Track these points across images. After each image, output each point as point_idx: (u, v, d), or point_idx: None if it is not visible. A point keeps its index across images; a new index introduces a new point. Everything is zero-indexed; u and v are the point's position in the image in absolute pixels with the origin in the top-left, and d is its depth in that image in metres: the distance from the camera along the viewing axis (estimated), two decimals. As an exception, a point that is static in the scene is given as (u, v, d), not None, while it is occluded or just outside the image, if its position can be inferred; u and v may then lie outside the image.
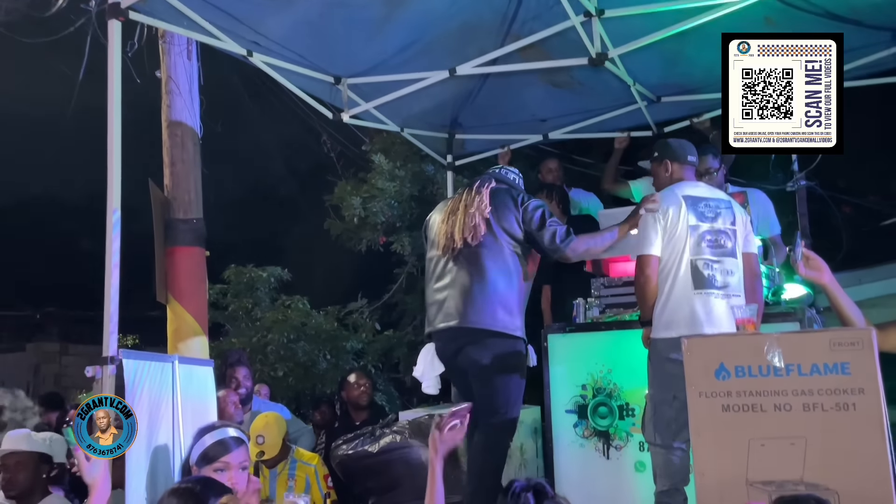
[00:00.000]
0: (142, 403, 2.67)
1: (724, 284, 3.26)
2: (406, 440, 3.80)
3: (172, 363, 2.93)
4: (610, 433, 3.90)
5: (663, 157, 3.57)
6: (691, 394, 2.44)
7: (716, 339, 2.60)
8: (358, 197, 8.40)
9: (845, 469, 2.20)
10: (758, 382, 2.34)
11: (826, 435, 2.24)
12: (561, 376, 4.04)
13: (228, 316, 7.76)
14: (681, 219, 3.29)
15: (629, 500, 3.75)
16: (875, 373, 2.20)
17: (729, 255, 3.30)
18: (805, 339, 2.36)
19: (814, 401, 2.27)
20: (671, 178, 3.51)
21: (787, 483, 2.28)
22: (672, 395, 3.14)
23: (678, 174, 3.51)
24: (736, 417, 2.36)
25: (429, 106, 5.03)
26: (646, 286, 3.32)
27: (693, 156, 3.57)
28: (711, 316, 3.17)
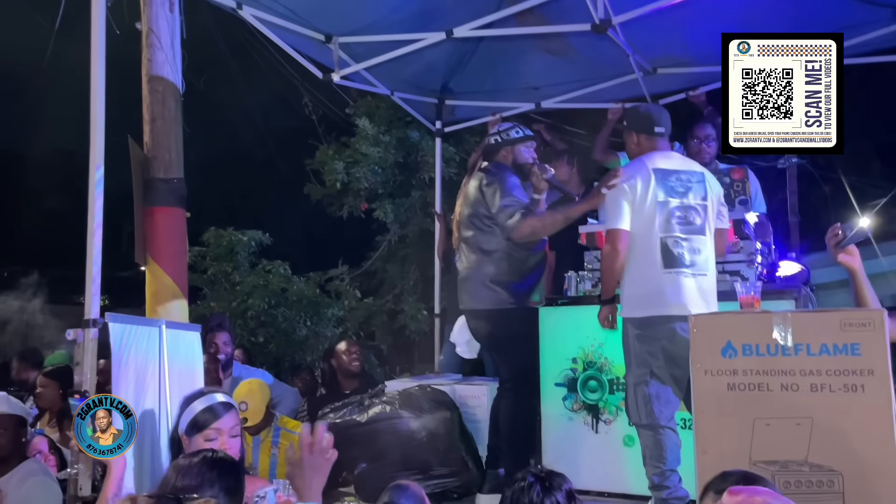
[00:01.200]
0: (128, 368, 2.58)
1: (692, 262, 3.17)
2: (395, 410, 3.75)
3: (160, 328, 2.83)
4: (599, 407, 3.87)
5: (630, 128, 3.38)
6: (696, 371, 2.40)
7: (724, 317, 2.56)
8: (340, 162, 8.25)
9: (851, 451, 2.18)
10: (765, 361, 2.31)
11: (833, 416, 2.22)
12: (551, 349, 3.99)
13: (207, 279, 7.62)
14: (650, 194, 3.16)
15: (617, 474, 3.74)
16: (886, 354, 2.18)
17: (698, 232, 3.21)
18: (815, 319, 2.32)
19: (822, 381, 2.24)
20: (639, 149, 3.34)
21: (790, 463, 2.26)
22: (648, 371, 3.12)
23: (645, 145, 3.32)
24: (741, 396, 2.33)
25: (420, 70, 4.90)
26: (614, 262, 3.18)
27: (661, 126, 3.34)
28: (681, 295, 3.08)
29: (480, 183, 3.66)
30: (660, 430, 3.11)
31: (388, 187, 8.29)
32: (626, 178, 3.20)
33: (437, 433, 3.71)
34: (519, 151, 3.74)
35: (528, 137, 3.79)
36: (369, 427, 3.78)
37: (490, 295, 3.59)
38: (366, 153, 7.98)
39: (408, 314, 8.28)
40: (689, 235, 3.19)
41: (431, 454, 3.64)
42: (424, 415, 3.75)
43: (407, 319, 8.32)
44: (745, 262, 3.59)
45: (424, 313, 7.99)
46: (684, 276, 3.13)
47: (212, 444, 2.32)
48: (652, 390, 3.11)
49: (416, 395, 3.83)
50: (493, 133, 3.88)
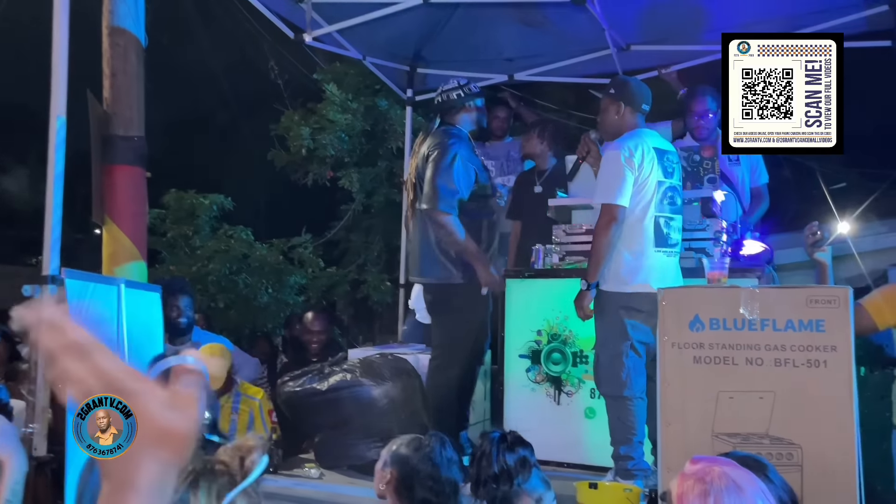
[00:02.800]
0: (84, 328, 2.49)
1: (675, 242, 3.27)
2: (357, 378, 3.72)
3: (119, 287, 2.74)
4: (562, 379, 3.90)
5: (619, 98, 3.30)
6: (663, 344, 2.42)
7: (693, 290, 2.58)
8: (306, 128, 8.10)
9: (811, 424, 2.23)
10: (731, 335, 2.34)
11: (795, 390, 2.26)
12: (516, 321, 4.00)
13: (166, 243, 7.44)
14: (653, 172, 3.17)
15: (578, 446, 3.79)
16: (849, 332, 2.22)
17: (679, 211, 3.30)
18: (782, 295, 2.36)
19: (786, 356, 2.28)
20: (620, 121, 3.29)
21: (752, 436, 2.30)
22: (629, 344, 3.15)
23: (628, 119, 3.29)
24: (707, 369, 2.36)
25: (394, 35, 4.81)
26: (611, 238, 3.11)
27: (648, 104, 3.37)
28: (667, 274, 3.15)
29: (428, 147, 3.60)
30: (635, 401, 3.16)
31: (354, 156, 8.17)
32: (630, 153, 3.14)
33: (398, 401, 3.70)
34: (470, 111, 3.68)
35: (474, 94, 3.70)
36: (330, 395, 3.75)
37: (438, 269, 3.59)
38: (333, 120, 7.84)
39: (371, 285, 8.22)
40: (675, 215, 3.26)
41: (393, 422, 3.62)
42: (386, 383, 3.73)
43: (370, 290, 8.27)
44: (712, 239, 3.63)
45: (388, 284, 7.95)
46: (670, 256, 3.21)
47: None
48: (630, 362, 3.15)
49: (377, 363, 3.80)
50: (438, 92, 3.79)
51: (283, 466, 3.83)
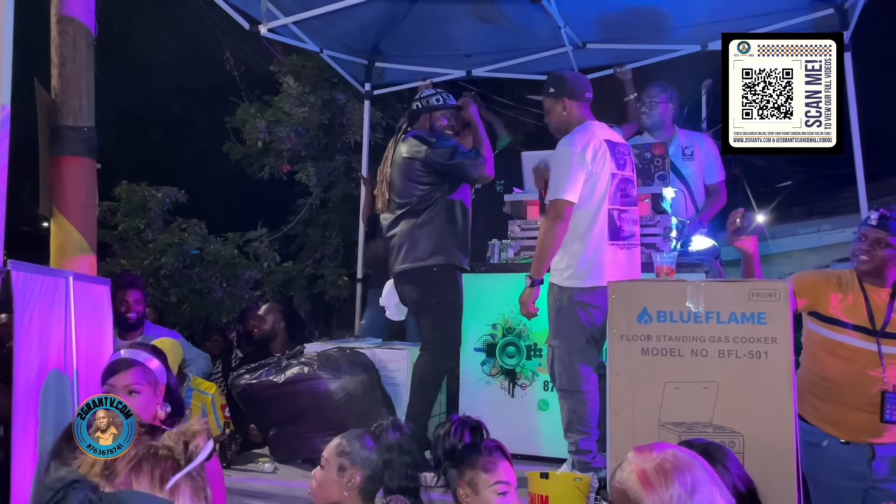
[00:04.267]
0: (32, 322, 2.43)
1: (631, 234, 3.30)
2: (314, 372, 3.72)
3: (67, 279, 2.68)
4: (517, 372, 3.96)
5: (561, 94, 3.30)
6: (613, 336, 2.47)
7: (641, 284, 2.64)
8: (262, 121, 8.01)
9: (752, 413, 2.31)
10: (678, 328, 2.40)
11: (737, 381, 2.34)
12: (472, 315, 4.03)
13: (117, 236, 7.27)
14: (605, 164, 3.18)
15: (532, 437, 3.84)
16: (788, 324, 2.30)
17: (632, 203, 3.33)
18: (726, 288, 2.43)
19: (729, 348, 2.35)
20: (569, 116, 3.31)
21: (696, 425, 2.37)
22: (585, 339, 3.20)
23: (576, 113, 3.30)
24: (654, 361, 2.42)
25: (351, 28, 4.79)
26: (560, 236, 3.12)
27: (590, 92, 3.38)
28: (622, 267, 3.20)
29: (414, 147, 3.68)
30: (591, 395, 3.20)
31: (311, 150, 8.10)
32: (581, 147, 3.14)
33: (355, 394, 3.71)
34: (437, 119, 3.79)
35: (449, 107, 3.81)
36: (286, 388, 3.74)
37: (421, 255, 3.65)
38: (289, 113, 7.77)
39: (328, 280, 8.18)
40: (628, 207, 3.29)
41: (349, 415, 3.63)
42: (343, 376, 3.74)
43: (326, 285, 8.22)
44: (661, 235, 3.71)
45: (345, 279, 7.92)
46: (621, 248, 3.24)
47: None
48: (587, 357, 3.20)
49: (335, 356, 3.80)
50: (415, 98, 3.90)
51: (236, 461, 3.81)
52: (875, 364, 2.74)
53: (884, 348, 2.74)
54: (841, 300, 2.78)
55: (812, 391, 2.83)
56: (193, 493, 1.05)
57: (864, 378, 2.75)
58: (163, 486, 1.02)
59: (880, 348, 2.73)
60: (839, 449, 2.82)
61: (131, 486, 1.01)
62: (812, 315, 2.85)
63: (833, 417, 2.83)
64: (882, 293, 2.77)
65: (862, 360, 2.76)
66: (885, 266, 2.74)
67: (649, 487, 1.45)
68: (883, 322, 2.74)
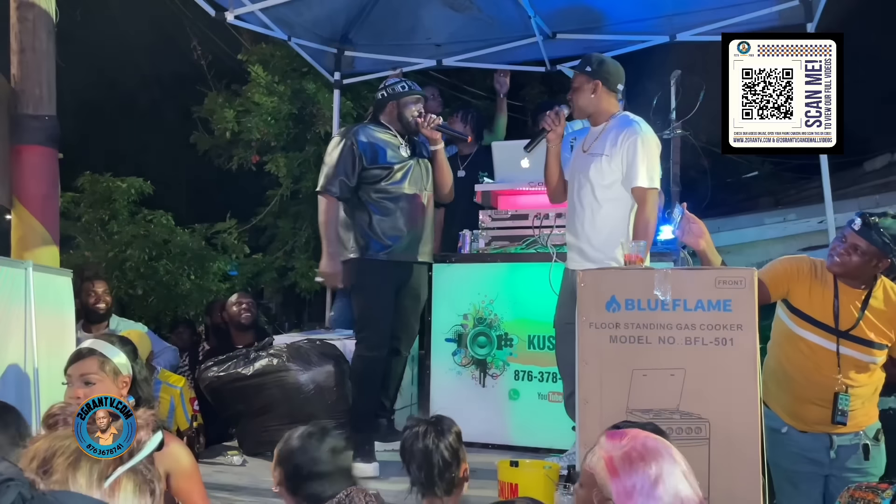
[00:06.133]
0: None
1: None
2: (283, 363, 3.68)
3: (26, 269, 2.61)
4: (487, 362, 3.96)
5: (595, 76, 3.21)
6: (582, 324, 2.48)
7: (609, 273, 2.65)
8: (231, 110, 7.89)
9: (718, 400, 2.33)
10: (645, 315, 2.41)
11: (703, 368, 2.35)
12: (443, 305, 4.04)
13: (81, 227, 7.13)
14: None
15: (502, 427, 3.86)
16: (754, 311, 2.32)
17: None
18: (692, 276, 2.45)
19: (695, 335, 2.37)
20: (596, 100, 3.22)
21: (664, 411, 2.39)
22: None
23: (605, 100, 3.22)
24: (622, 348, 2.43)
25: (320, 16, 4.74)
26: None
27: (622, 85, 3.29)
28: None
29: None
30: None
31: (281, 140, 8.00)
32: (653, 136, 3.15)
33: (325, 386, 3.68)
34: (405, 106, 3.64)
35: (414, 93, 3.69)
36: (255, 380, 3.70)
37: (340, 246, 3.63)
38: (258, 102, 7.66)
39: (299, 272, 8.10)
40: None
41: (319, 407, 3.60)
42: (313, 367, 3.71)
43: (297, 277, 8.15)
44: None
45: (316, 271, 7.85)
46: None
47: (68, 390, 2.21)
48: None
49: (304, 348, 3.77)
50: (380, 87, 3.82)
51: (205, 454, 3.76)
52: (832, 364, 2.74)
53: (843, 349, 2.73)
54: (811, 293, 2.78)
55: (774, 379, 2.86)
56: (137, 488, 1.01)
57: (819, 376, 2.76)
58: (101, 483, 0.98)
59: (839, 349, 2.74)
60: (798, 436, 2.86)
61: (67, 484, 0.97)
62: (783, 303, 2.87)
63: (790, 408, 2.86)
64: (855, 294, 2.75)
65: (819, 358, 2.77)
66: (857, 270, 2.70)
67: (615, 474, 1.46)
68: (852, 324, 2.73)
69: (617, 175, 3.12)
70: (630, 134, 3.10)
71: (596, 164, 3.15)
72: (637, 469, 1.46)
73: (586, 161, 3.19)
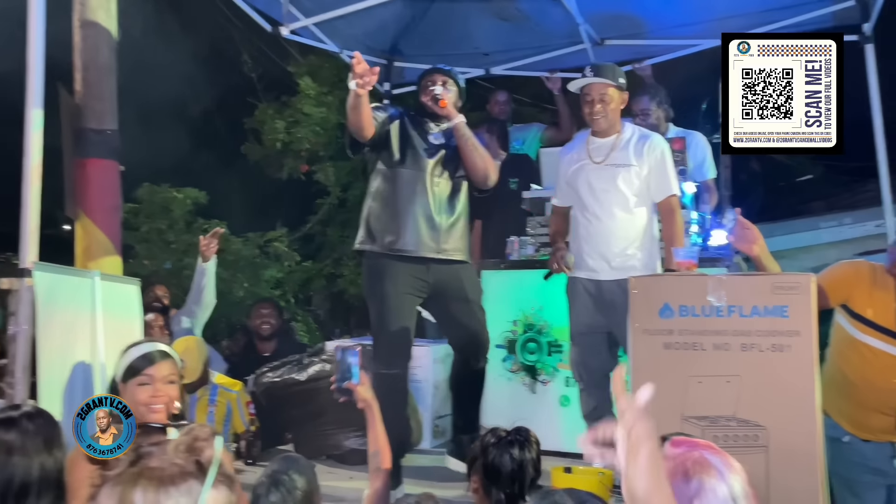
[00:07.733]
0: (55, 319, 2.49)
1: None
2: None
3: (93, 279, 2.73)
4: (537, 368, 3.97)
5: (625, 88, 3.33)
6: (635, 331, 2.48)
7: (662, 279, 2.64)
8: (281, 121, 8.07)
9: (776, 407, 2.31)
10: (700, 322, 2.40)
11: (760, 374, 2.33)
12: (493, 312, 4.03)
13: (140, 237, 7.37)
14: None
15: (553, 433, 3.83)
16: (811, 317, 2.29)
17: None
18: (748, 282, 2.43)
19: (751, 341, 2.35)
20: (619, 113, 3.35)
21: (719, 418, 2.37)
22: None
23: (620, 111, 3.36)
24: (676, 355, 2.42)
25: (370, 28, 4.82)
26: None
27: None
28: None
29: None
30: None
31: (329, 149, 8.15)
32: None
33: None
34: (420, 92, 3.54)
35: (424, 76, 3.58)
36: (309, 385, 3.78)
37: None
38: (308, 113, 7.82)
39: (347, 279, 8.22)
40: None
41: (372, 411, 3.65)
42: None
43: (346, 284, 8.26)
44: (683, 230, 3.70)
45: (364, 278, 7.94)
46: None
47: (145, 390, 2.29)
48: None
49: (356, 353, 3.83)
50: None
51: (261, 458, 3.85)
52: (895, 369, 2.68)
53: None
54: (873, 298, 2.71)
55: (834, 386, 2.80)
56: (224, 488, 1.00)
57: (882, 382, 2.68)
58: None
59: None
60: (860, 445, 2.79)
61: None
62: (843, 308, 2.80)
63: (852, 416, 2.79)
64: None
65: (882, 364, 2.68)
66: None
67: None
68: None
69: (643, 184, 3.22)
70: (657, 144, 3.25)
71: (624, 175, 3.21)
72: (677, 483, 1.44)
73: (608, 172, 3.24)
